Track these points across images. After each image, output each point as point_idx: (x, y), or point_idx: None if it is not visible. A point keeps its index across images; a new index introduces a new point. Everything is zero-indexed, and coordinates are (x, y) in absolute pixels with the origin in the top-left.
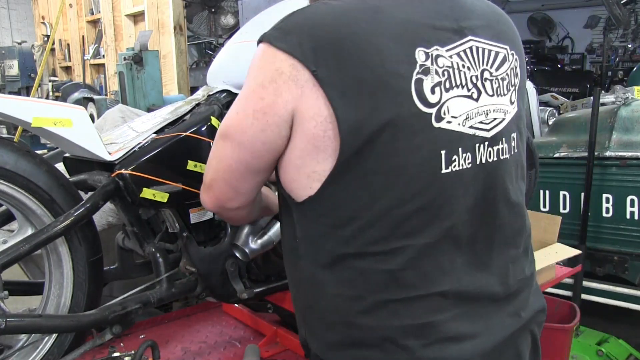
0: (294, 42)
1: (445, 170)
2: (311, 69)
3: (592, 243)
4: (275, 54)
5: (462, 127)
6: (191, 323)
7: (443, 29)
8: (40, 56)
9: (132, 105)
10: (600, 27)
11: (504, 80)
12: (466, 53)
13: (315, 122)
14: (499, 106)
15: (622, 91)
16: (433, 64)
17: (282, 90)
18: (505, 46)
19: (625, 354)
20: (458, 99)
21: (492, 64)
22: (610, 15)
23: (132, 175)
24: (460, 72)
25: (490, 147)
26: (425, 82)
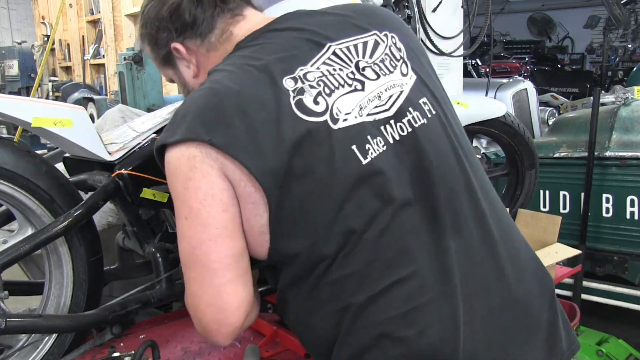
0: (184, 129)
1: (365, 161)
2: (206, 140)
3: (592, 243)
4: (179, 148)
5: (360, 118)
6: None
7: (299, 53)
8: (40, 56)
9: (132, 105)
10: (600, 27)
11: (384, 61)
12: (331, 59)
13: (244, 182)
14: (389, 84)
15: (622, 91)
16: (304, 82)
17: (206, 170)
18: (370, 32)
19: (625, 354)
20: (344, 97)
21: (363, 54)
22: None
23: (132, 175)
24: (334, 75)
25: (399, 123)
26: (305, 99)
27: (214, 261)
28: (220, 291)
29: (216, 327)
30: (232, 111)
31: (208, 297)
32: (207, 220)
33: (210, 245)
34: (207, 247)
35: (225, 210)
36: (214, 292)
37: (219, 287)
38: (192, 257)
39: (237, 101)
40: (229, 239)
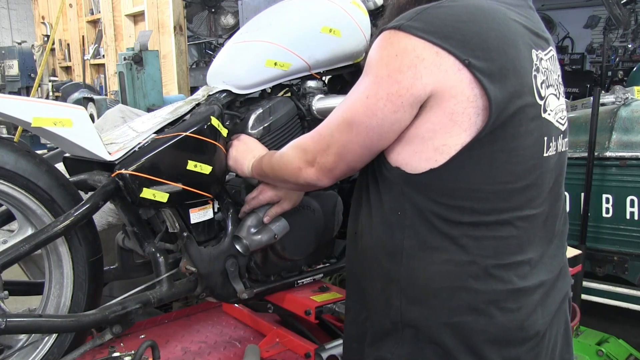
0: (440, 35)
1: (545, 154)
2: (462, 59)
3: (592, 243)
4: (416, 43)
5: (554, 119)
6: (191, 323)
7: (540, 37)
8: (40, 56)
9: (132, 105)
10: (600, 27)
11: (560, 86)
12: (550, 59)
13: (456, 101)
14: (563, 105)
15: (622, 91)
16: (540, 64)
17: (422, 74)
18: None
19: (625, 354)
20: (552, 96)
21: (557, 71)
22: (610, 15)
23: (132, 175)
24: (551, 74)
25: (563, 139)
26: (538, 78)
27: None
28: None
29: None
30: (496, 45)
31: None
32: (377, 112)
33: (363, 130)
34: (360, 129)
35: (395, 112)
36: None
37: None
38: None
39: (502, 39)
40: (379, 136)
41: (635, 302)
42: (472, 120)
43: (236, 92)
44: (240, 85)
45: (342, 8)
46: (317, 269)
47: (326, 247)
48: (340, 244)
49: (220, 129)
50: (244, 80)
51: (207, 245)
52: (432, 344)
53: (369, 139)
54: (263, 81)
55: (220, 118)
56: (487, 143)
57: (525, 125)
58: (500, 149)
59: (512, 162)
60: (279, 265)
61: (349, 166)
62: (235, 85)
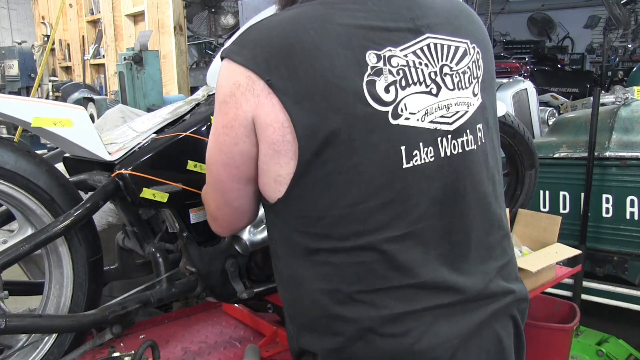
0: (249, 56)
1: (406, 165)
2: (265, 79)
3: (592, 243)
4: (234, 68)
5: (421, 122)
6: (191, 323)
7: (397, 30)
8: (40, 56)
9: (132, 105)
10: (600, 27)
11: (465, 74)
12: (423, 50)
13: (273, 128)
14: (460, 99)
15: (622, 91)
16: (386, 64)
17: (241, 102)
18: (465, 40)
19: (625, 354)
20: (416, 95)
21: (451, 59)
22: (610, 15)
23: (132, 175)
24: (417, 70)
25: (454, 140)
26: (377, 82)
27: (222, 181)
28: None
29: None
30: (301, 61)
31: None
32: (222, 147)
33: (220, 167)
34: (217, 168)
35: (236, 144)
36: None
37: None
38: (209, 169)
39: (310, 52)
40: (237, 169)
41: (635, 302)
42: (294, 148)
43: None
44: None
45: None
46: None
47: None
48: None
49: None
50: None
51: (207, 245)
52: None
53: (231, 172)
54: None
55: None
56: (316, 167)
57: (362, 140)
58: (336, 171)
59: (357, 182)
60: None
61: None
62: None
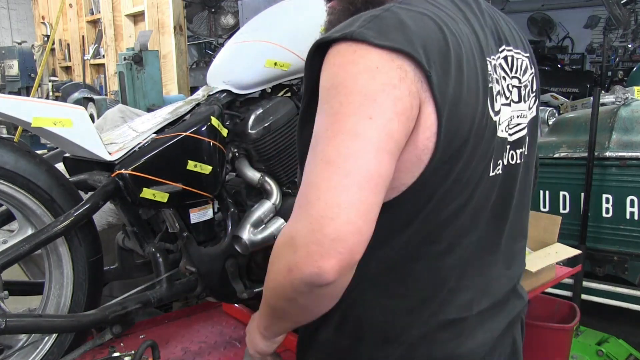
0: (401, 39)
1: (491, 174)
2: (425, 70)
3: (592, 243)
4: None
5: (505, 133)
6: (191, 323)
7: (489, 40)
8: (40, 56)
9: (132, 105)
10: (600, 27)
11: (526, 87)
12: (503, 62)
13: (430, 133)
14: (520, 112)
15: (622, 91)
16: (495, 72)
17: (413, 90)
18: (526, 54)
19: (625, 354)
20: (504, 106)
21: (518, 72)
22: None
23: (132, 175)
24: (503, 80)
25: (512, 151)
26: (493, 89)
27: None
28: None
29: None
30: (453, 59)
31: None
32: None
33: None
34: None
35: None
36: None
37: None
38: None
39: (458, 53)
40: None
41: (635, 302)
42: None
43: (236, 92)
44: (240, 85)
45: None
46: None
47: None
48: None
49: (220, 129)
50: (244, 80)
51: (207, 245)
52: None
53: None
54: (263, 81)
55: (220, 118)
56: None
57: (479, 150)
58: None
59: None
60: None
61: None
62: (235, 85)
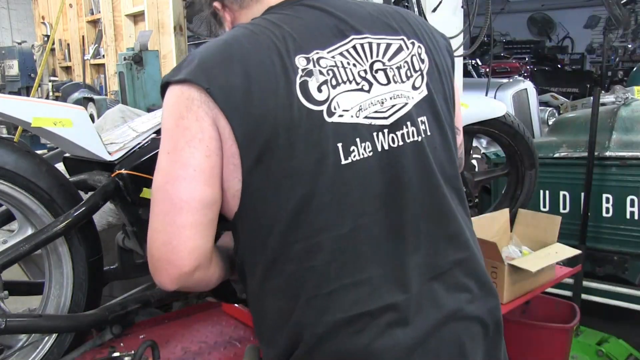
0: (186, 71)
1: (345, 161)
2: (204, 87)
3: (592, 243)
4: (180, 88)
5: (355, 118)
6: (191, 323)
7: (321, 35)
8: (40, 56)
9: (132, 105)
10: (600, 27)
11: (400, 69)
12: (349, 52)
13: (232, 142)
14: (397, 92)
15: (622, 91)
16: (315, 65)
17: (201, 115)
18: (399, 37)
19: (625, 354)
20: (347, 93)
21: (383, 55)
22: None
23: (132, 175)
24: (345, 69)
25: (392, 133)
26: (310, 83)
27: (181, 200)
28: (179, 231)
29: (166, 266)
30: (236, 69)
31: (166, 234)
32: (188, 160)
33: (183, 183)
34: (180, 184)
35: (208, 156)
36: (173, 230)
37: (179, 227)
38: (162, 191)
39: (244, 61)
40: (204, 184)
41: (635, 302)
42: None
43: None
44: None
45: None
46: None
47: None
48: None
49: None
50: None
51: None
52: None
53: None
54: None
55: None
56: (260, 174)
57: (301, 141)
58: (280, 174)
59: (301, 183)
60: None
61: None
62: None
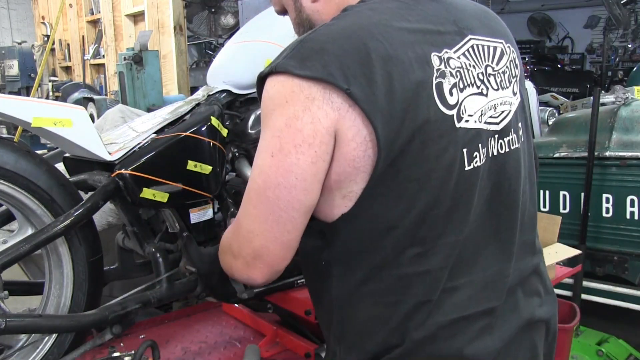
0: (318, 66)
1: (468, 167)
2: (344, 88)
3: (592, 243)
4: (300, 83)
5: (478, 123)
6: (191, 323)
7: (446, 32)
8: (40, 56)
9: (132, 105)
10: (600, 27)
11: (504, 74)
12: (469, 52)
13: (356, 144)
14: (504, 99)
15: (622, 91)
16: (447, 66)
17: (319, 117)
18: (500, 40)
19: (625, 354)
20: (472, 97)
21: (492, 59)
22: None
23: (132, 175)
24: (468, 71)
25: (500, 140)
26: (444, 84)
27: (280, 208)
28: (277, 237)
29: (260, 265)
30: (378, 67)
31: (264, 238)
32: (292, 167)
33: (284, 192)
34: (280, 192)
35: (314, 163)
36: (271, 235)
37: (277, 233)
38: (262, 196)
39: (384, 59)
40: (304, 192)
41: (635, 302)
42: (373, 160)
43: (236, 92)
44: (240, 85)
45: None
46: None
47: None
48: None
49: (220, 129)
50: (244, 80)
51: (207, 245)
52: None
53: (295, 200)
54: None
55: (220, 118)
56: (389, 178)
57: (433, 146)
58: (408, 179)
59: (428, 188)
60: None
61: (280, 243)
62: (235, 85)
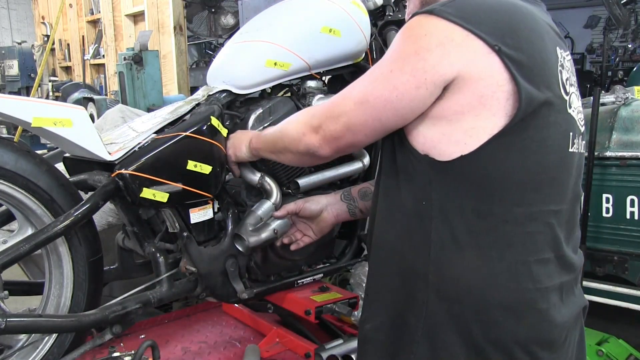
0: (473, 21)
1: (570, 149)
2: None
3: (592, 243)
4: (446, 24)
5: (577, 117)
6: (191, 323)
7: (560, 38)
8: (40, 56)
9: (132, 105)
10: (600, 27)
11: (575, 84)
12: (569, 60)
13: (485, 83)
14: (580, 108)
15: (622, 91)
16: (564, 62)
17: (450, 54)
18: (567, 52)
19: (625, 354)
20: (574, 95)
21: (570, 69)
22: (610, 15)
23: (132, 175)
24: (571, 74)
25: (582, 140)
26: (562, 74)
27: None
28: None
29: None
30: (524, 38)
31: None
32: (398, 84)
33: (380, 100)
34: (376, 98)
35: (418, 88)
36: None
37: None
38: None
39: (531, 33)
40: (393, 111)
41: (635, 302)
42: (502, 105)
43: (236, 92)
44: (240, 85)
45: (342, 8)
46: (317, 269)
47: (326, 247)
48: (340, 244)
49: (220, 129)
50: (244, 80)
51: (207, 245)
52: (458, 338)
53: (384, 112)
54: (263, 81)
55: (220, 118)
56: (518, 130)
57: (554, 116)
58: (531, 138)
59: (542, 153)
60: (279, 265)
61: (355, 139)
62: (235, 85)
